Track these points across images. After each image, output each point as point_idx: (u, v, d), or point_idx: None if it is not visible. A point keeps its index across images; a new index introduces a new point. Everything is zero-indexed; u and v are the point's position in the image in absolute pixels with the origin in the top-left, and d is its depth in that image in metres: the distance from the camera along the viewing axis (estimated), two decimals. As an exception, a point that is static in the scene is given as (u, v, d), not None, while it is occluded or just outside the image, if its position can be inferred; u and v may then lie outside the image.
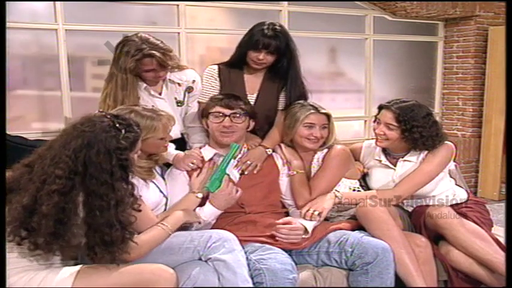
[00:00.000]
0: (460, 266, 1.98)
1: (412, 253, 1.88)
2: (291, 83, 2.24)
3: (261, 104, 2.22)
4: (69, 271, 1.50)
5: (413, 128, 2.05)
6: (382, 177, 2.20)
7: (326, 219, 2.13)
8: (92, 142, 1.42)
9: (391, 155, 2.21)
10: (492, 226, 2.17)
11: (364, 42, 4.39)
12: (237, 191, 1.95)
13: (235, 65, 2.26)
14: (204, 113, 2.11)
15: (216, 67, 2.28)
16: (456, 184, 2.30)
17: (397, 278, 1.86)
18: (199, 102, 2.27)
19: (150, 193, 1.88)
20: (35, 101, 3.28)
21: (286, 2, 3.95)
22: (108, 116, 1.51)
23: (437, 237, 2.07)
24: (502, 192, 4.27)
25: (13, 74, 3.11)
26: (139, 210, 1.58)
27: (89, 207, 1.43)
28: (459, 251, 1.98)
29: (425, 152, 2.12)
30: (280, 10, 3.94)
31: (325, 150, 2.19)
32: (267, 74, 2.27)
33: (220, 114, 2.03)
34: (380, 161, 2.22)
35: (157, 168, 2.05)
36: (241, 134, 2.08)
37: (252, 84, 2.26)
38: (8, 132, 2.40)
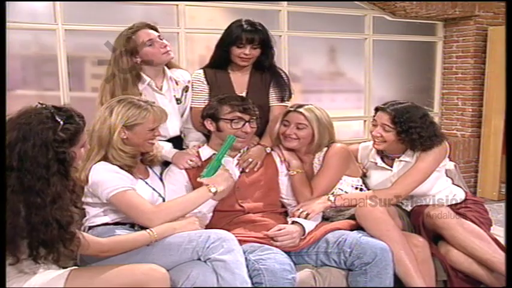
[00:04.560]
0: (459, 266, 1.98)
1: (412, 253, 1.87)
2: (278, 76, 2.28)
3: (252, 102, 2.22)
4: (60, 273, 1.48)
5: (411, 129, 2.05)
6: (379, 178, 2.21)
7: (326, 218, 2.14)
8: (27, 135, 1.33)
9: (388, 156, 2.22)
10: (491, 225, 2.17)
11: (364, 42, 4.39)
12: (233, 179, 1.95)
13: (219, 66, 2.27)
14: (212, 116, 2.05)
15: (201, 71, 2.29)
16: (453, 183, 2.31)
17: (396, 278, 1.86)
18: (191, 107, 2.27)
19: (138, 190, 1.85)
20: (35, 101, 3.23)
21: (285, 2, 3.95)
22: (48, 108, 1.42)
23: (436, 237, 2.07)
24: (502, 192, 4.27)
25: (13, 74, 3.11)
26: (83, 209, 1.55)
27: (27, 205, 1.34)
28: (458, 251, 1.98)
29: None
30: (280, 10, 3.94)
31: (325, 149, 2.19)
32: (252, 71, 2.28)
33: (241, 120, 2.02)
34: (375, 163, 2.23)
35: (154, 168, 2.05)
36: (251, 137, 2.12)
37: (240, 84, 2.26)
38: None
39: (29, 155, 1.32)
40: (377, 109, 2.16)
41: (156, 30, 2.17)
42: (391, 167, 2.19)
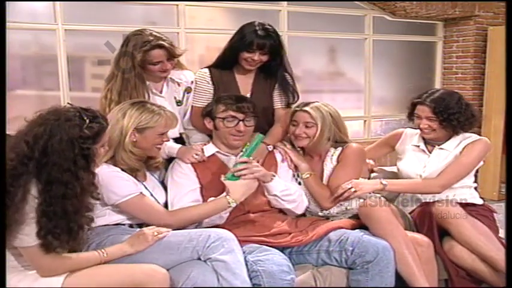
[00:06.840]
0: (462, 262, 1.98)
1: (415, 253, 1.87)
2: (283, 80, 2.26)
3: (256, 103, 2.21)
4: None
5: (450, 116, 2.14)
6: (414, 160, 2.26)
7: (327, 217, 2.14)
8: (54, 130, 1.42)
9: (430, 143, 2.27)
10: (498, 233, 2.15)
11: (364, 42, 4.40)
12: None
13: (225, 67, 2.25)
14: (210, 114, 2.06)
15: (207, 70, 2.26)
16: (474, 188, 2.31)
17: (398, 277, 1.85)
18: (192, 106, 2.26)
19: None
20: (35, 101, 3.28)
21: (285, 2, 3.96)
22: (75, 108, 1.52)
23: (441, 234, 2.06)
24: (502, 192, 4.26)
25: (13, 74, 3.12)
26: (98, 199, 1.63)
27: (48, 195, 1.40)
28: (462, 247, 1.98)
29: (463, 143, 2.19)
30: (280, 10, 3.95)
31: (340, 149, 2.19)
32: (258, 74, 2.27)
33: (234, 119, 2.02)
34: (418, 146, 2.28)
35: (154, 174, 2.05)
36: (249, 135, 2.09)
37: (245, 85, 2.26)
38: (8, 132, 2.40)
39: (55, 148, 1.41)
40: (415, 103, 2.24)
41: (168, 51, 2.07)
42: (430, 153, 2.24)
